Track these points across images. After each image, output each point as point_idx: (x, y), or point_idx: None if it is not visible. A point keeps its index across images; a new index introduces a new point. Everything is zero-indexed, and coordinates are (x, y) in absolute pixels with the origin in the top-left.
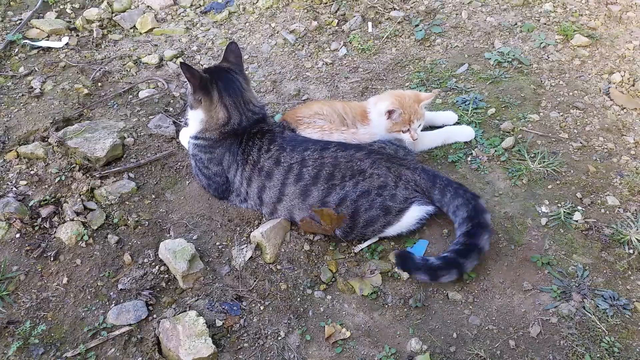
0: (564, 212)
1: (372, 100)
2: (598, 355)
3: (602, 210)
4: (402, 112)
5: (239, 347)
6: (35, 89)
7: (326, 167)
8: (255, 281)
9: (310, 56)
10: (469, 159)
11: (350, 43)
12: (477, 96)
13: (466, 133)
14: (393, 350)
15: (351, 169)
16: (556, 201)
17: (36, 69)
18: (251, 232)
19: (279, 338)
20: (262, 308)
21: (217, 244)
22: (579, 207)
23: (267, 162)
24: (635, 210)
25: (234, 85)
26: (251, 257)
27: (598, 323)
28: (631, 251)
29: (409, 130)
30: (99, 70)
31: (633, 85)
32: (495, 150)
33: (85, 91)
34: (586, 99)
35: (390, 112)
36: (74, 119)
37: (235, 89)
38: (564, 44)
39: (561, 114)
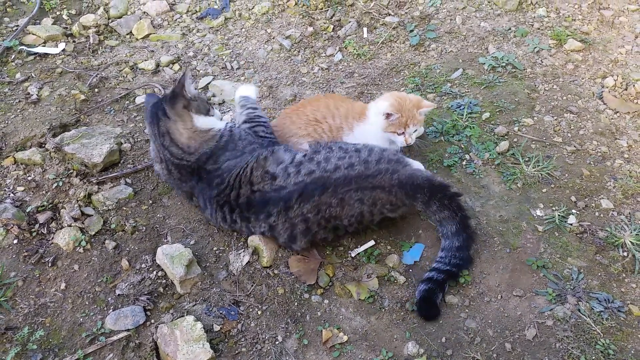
0: (559, 215)
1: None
2: (593, 357)
3: (597, 214)
4: (399, 116)
5: (236, 351)
6: (32, 95)
7: (298, 226)
8: (252, 286)
9: (306, 61)
10: (464, 162)
11: (346, 48)
12: (472, 101)
13: None
14: (390, 353)
15: (324, 219)
16: (551, 205)
17: (33, 75)
18: (248, 236)
19: (277, 342)
20: (259, 312)
21: (215, 248)
22: (574, 211)
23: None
24: (629, 213)
25: None
26: (248, 261)
27: (593, 325)
28: (625, 254)
29: (404, 133)
30: (96, 76)
31: (626, 89)
32: (490, 155)
33: (82, 97)
34: (580, 103)
35: (388, 115)
36: (71, 124)
37: None
38: (558, 49)
39: (555, 118)
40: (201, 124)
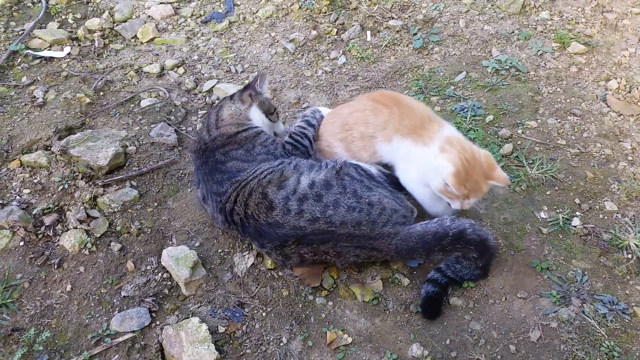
0: (563, 217)
1: (439, 132)
2: (598, 359)
3: (601, 216)
4: (463, 189)
5: (241, 353)
6: (37, 98)
7: (293, 259)
8: (257, 287)
9: (309, 65)
10: None
11: (350, 52)
12: (475, 104)
13: None
14: (395, 355)
15: (319, 259)
16: (555, 207)
17: (39, 78)
18: None
19: (281, 344)
20: (264, 314)
21: (219, 250)
22: (578, 213)
23: None
24: (634, 215)
25: None
26: (253, 263)
27: (598, 327)
28: (630, 256)
29: (460, 202)
30: (101, 79)
31: (630, 92)
32: (494, 157)
33: (88, 100)
34: (583, 105)
35: (447, 186)
36: (77, 127)
37: None
38: (561, 52)
39: (559, 120)
40: (253, 116)
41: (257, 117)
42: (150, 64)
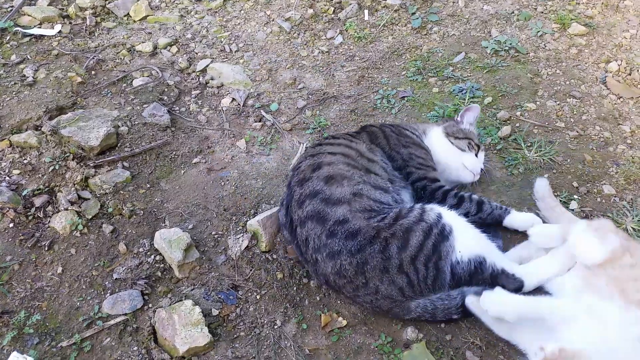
0: (561, 201)
1: None
2: None
3: (598, 199)
4: None
5: (235, 336)
6: (27, 77)
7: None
8: (251, 270)
9: (306, 44)
10: None
11: (347, 31)
12: (474, 85)
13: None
14: (389, 338)
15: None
16: (553, 190)
17: (28, 57)
18: (247, 221)
19: (275, 327)
20: (258, 297)
21: (213, 233)
22: (575, 196)
23: None
24: (631, 199)
25: None
26: (247, 246)
27: None
28: None
29: None
30: (93, 58)
31: (630, 74)
32: (492, 139)
33: (79, 79)
34: (583, 87)
35: None
36: (68, 107)
37: None
38: (561, 33)
39: (558, 102)
40: (433, 133)
41: (439, 142)
42: (142, 42)
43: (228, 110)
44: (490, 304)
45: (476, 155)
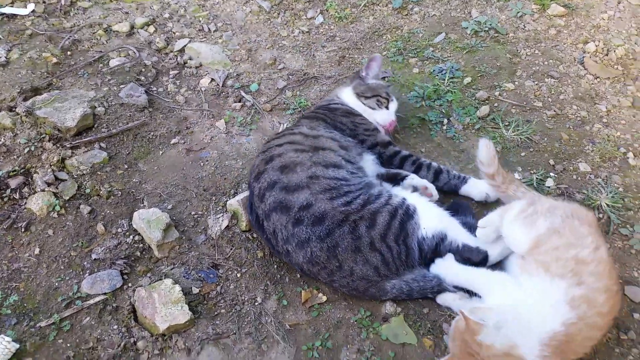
0: (537, 178)
1: None
2: None
3: (574, 177)
4: None
5: (215, 313)
6: (0, 57)
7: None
8: (231, 249)
9: (286, 24)
10: (444, 127)
11: (327, 11)
12: (454, 65)
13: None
14: (368, 312)
15: None
16: (529, 168)
17: (1, 37)
18: (227, 201)
19: (256, 304)
20: (239, 275)
21: (193, 213)
22: (552, 174)
23: None
24: (606, 176)
25: None
26: (227, 225)
27: None
28: (601, 215)
29: None
30: (68, 38)
31: (607, 55)
32: (470, 119)
33: (54, 60)
34: (561, 68)
35: None
36: (43, 88)
37: None
38: (540, 14)
39: (536, 82)
40: (345, 96)
41: (351, 99)
42: (119, 22)
43: (207, 90)
44: (438, 269)
45: (387, 107)
